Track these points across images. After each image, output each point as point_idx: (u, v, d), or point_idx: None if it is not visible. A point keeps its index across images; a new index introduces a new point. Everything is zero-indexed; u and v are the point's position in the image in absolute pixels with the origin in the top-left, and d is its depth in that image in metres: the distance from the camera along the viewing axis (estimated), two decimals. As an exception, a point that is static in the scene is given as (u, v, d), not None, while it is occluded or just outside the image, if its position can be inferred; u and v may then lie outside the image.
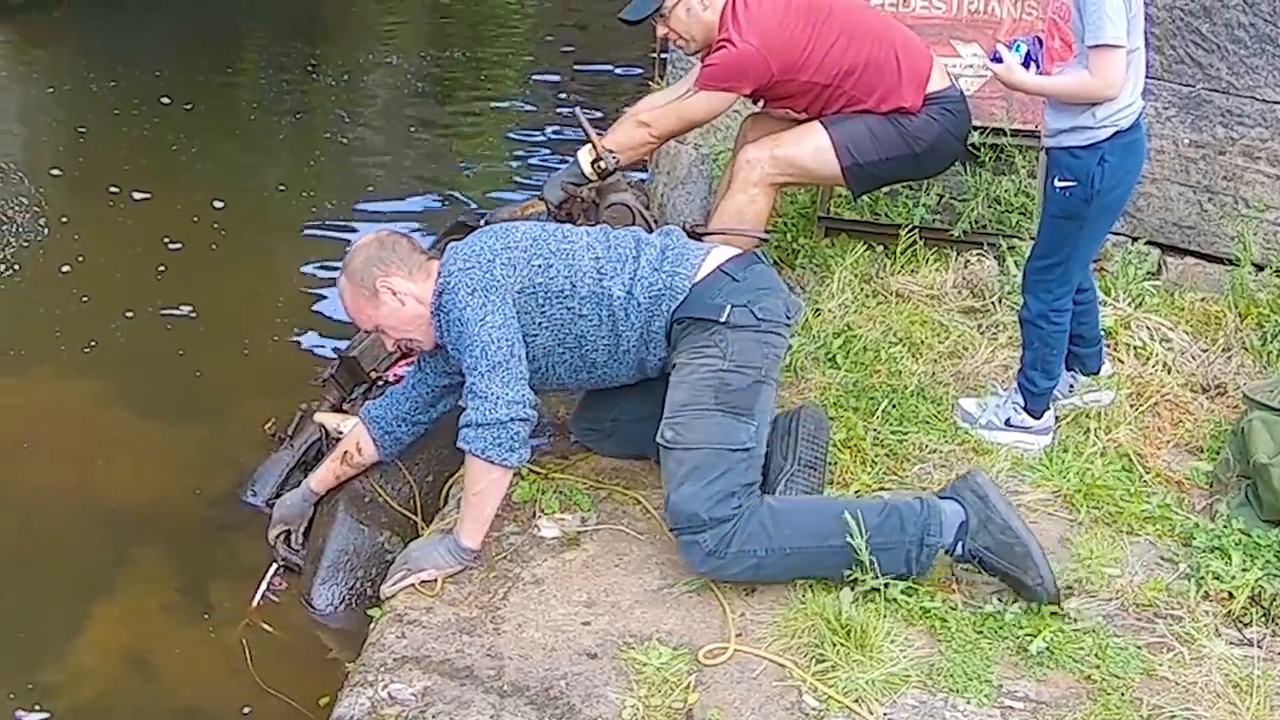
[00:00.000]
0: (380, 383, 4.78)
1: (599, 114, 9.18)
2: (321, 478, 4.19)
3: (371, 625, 3.52)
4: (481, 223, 5.07)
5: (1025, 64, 3.88)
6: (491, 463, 3.52)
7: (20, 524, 4.43)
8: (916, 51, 4.59)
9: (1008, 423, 4.19)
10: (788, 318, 3.73)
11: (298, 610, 3.99)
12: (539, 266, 3.68)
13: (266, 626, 3.93)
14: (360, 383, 4.80)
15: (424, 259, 3.79)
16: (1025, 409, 4.18)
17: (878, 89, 4.53)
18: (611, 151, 4.63)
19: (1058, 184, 3.91)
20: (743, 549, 3.43)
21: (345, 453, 4.13)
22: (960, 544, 3.42)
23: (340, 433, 4.49)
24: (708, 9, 4.54)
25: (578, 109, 4.90)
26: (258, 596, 4.03)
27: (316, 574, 4.02)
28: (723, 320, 3.61)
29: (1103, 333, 4.40)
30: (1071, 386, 4.33)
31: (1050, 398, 4.19)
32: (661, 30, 4.67)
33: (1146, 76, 4.95)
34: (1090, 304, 4.27)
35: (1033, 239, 4.14)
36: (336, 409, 4.74)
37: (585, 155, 4.67)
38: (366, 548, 4.06)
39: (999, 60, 3.88)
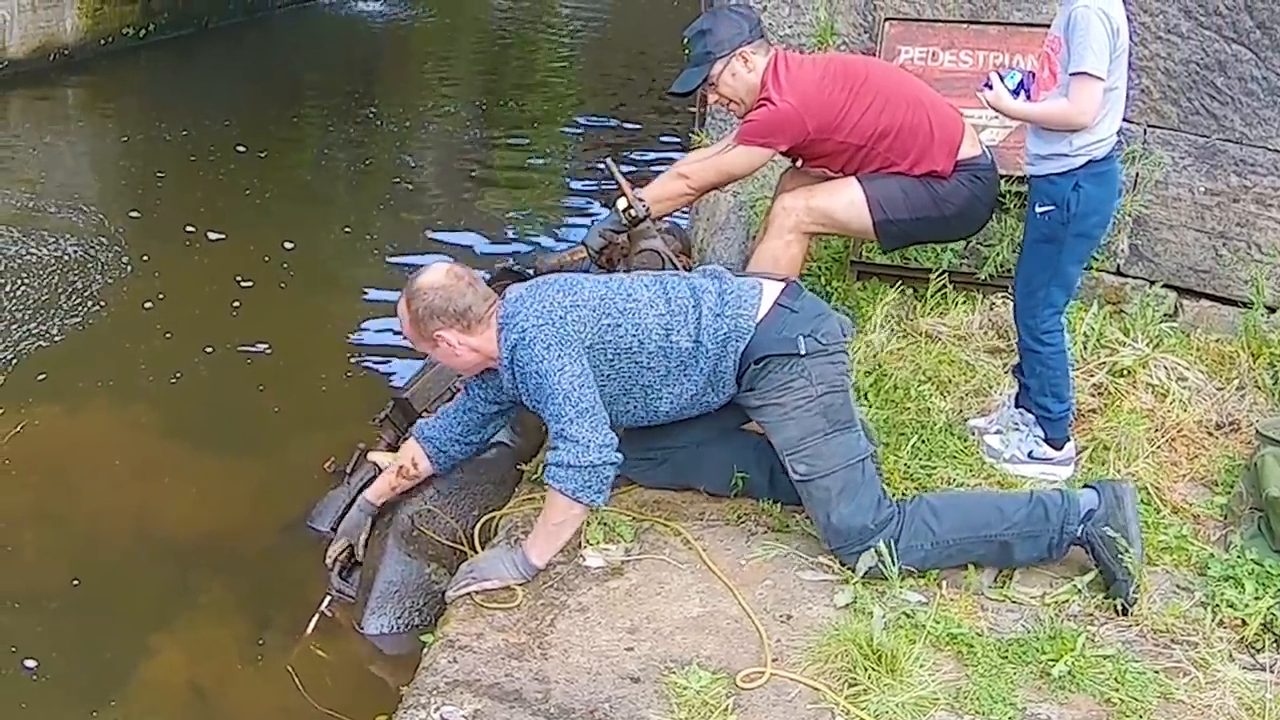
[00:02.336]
0: None
1: (646, 158, 9.36)
2: (378, 490, 4.22)
3: (424, 650, 3.54)
4: (530, 272, 5.14)
5: (1016, 93, 4.00)
6: (578, 501, 3.57)
7: (85, 549, 4.47)
8: (949, 118, 4.60)
9: (1030, 455, 4.22)
10: (844, 336, 3.83)
11: (351, 638, 4.01)
12: (608, 326, 3.70)
13: (321, 653, 3.95)
14: (413, 422, 4.81)
15: (485, 309, 3.75)
16: (1046, 440, 4.21)
17: (911, 152, 4.52)
18: (641, 200, 4.67)
19: (1038, 209, 4.06)
20: (910, 544, 3.62)
21: (401, 467, 4.18)
22: (1082, 526, 3.61)
23: None
24: (751, 71, 4.54)
25: (609, 160, 4.98)
26: (311, 625, 4.04)
27: (367, 603, 4.04)
28: (801, 353, 3.68)
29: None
30: (1016, 424, 4.33)
31: (1067, 424, 4.21)
32: (712, 98, 4.70)
33: (1163, 128, 5.07)
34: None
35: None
36: (392, 447, 4.76)
37: (621, 204, 4.72)
38: (414, 579, 4.08)
39: (990, 87, 4.01)
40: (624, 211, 4.71)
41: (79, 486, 4.85)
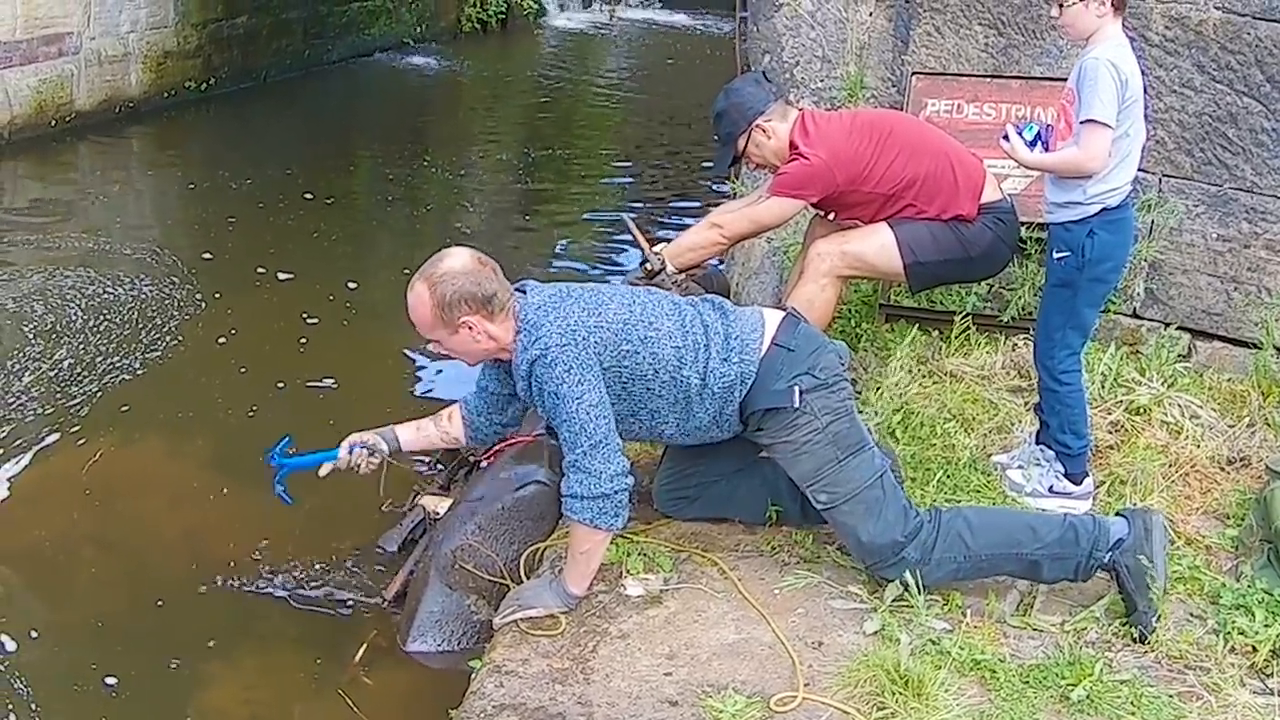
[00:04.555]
0: (478, 465, 4.84)
1: (681, 207, 9.41)
2: (409, 430, 4.09)
3: (472, 675, 3.55)
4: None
5: (1033, 144, 4.04)
6: (598, 529, 3.57)
7: (163, 573, 4.51)
8: (971, 165, 4.63)
9: (1051, 489, 4.25)
10: (842, 364, 3.79)
11: (400, 664, 4.02)
12: (627, 352, 3.62)
13: (370, 680, 3.96)
14: (461, 466, 4.90)
15: (507, 296, 3.63)
16: (1066, 475, 4.24)
17: (937, 199, 4.55)
18: (658, 253, 4.72)
19: (1055, 255, 4.10)
20: (945, 555, 3.62)
21: (439, 416, 4.09)
22: (1110, 554, 3.61)
23: (438, 514, 4.57)
24: (772, 138, 4.58)
25: (626, 215, 5.04)
26: (360, 651, 4.06)
27: (410, 632, 4.07)
28: (795, 406, 3.65)
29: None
30: (1037, 461, 4.35)
31: (1086, 459, 4.24)
32: (749, 166, 4.76)
33: (1177, 177, 5.09)
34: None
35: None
36: (444, 489, 4.84)
37: (640, 257, 4.80)
38: (454, 609, 4.09)
39: (1008, 139, 4.06)
40: (641, 265, 4.78)
41: (158, 513, 4.92)
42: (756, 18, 6.06)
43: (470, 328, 3.60)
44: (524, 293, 3.71)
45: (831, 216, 4.81)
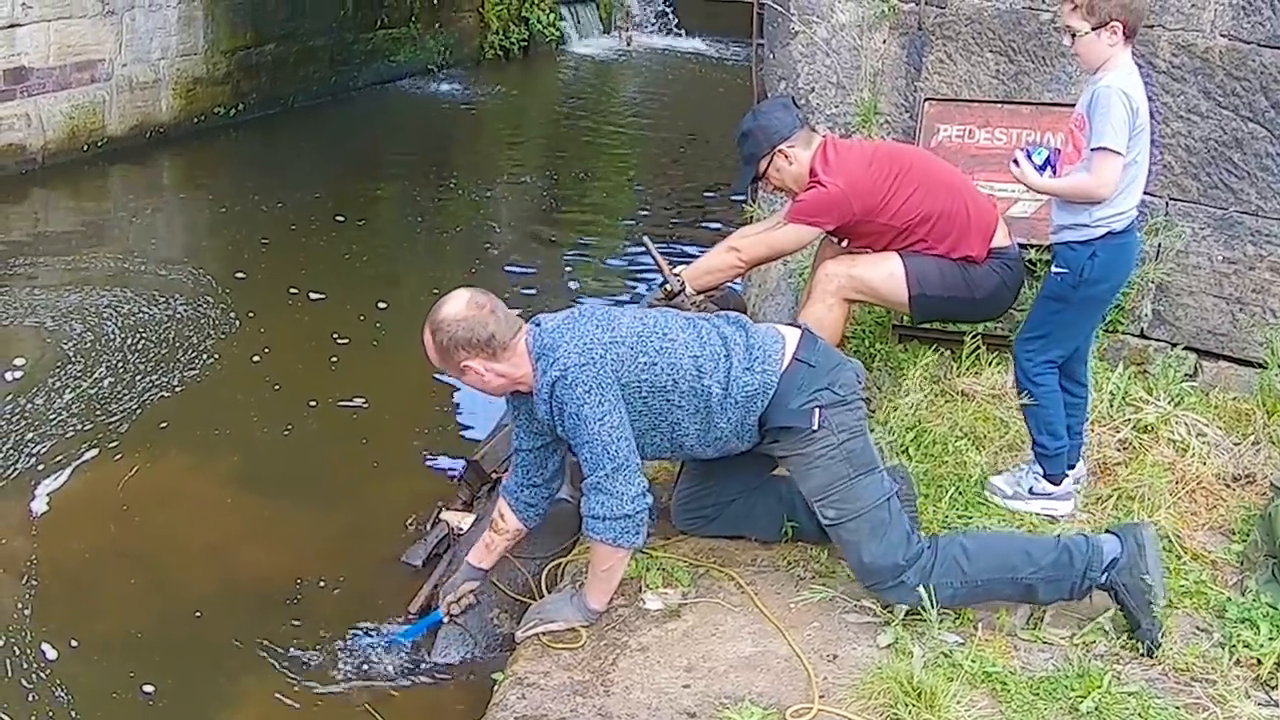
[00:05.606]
0: (500, 482, 4.75)
1: (700, 228, 9.44)
2: (478, 553, 4.04)
3: (495, 688, 3.57)
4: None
5: (1042, 169, 4.03)
6: (620, 547, 3.59)
7: (198, 586, 4.56)
8: (985, 208, 4.64)
9: (1031, 491, 4.27)
10: (859, 382, 3.81)
11: (425, 677, 4.04)
12: (645, 364, 3.61)
13: (394, 692, 3.99)
14: (484, 483, 4.92)
15: (510, 334, 3.62)
16: (1045, 476, 4.25)
17: (949, 237, 4.56)
18: (677, 275, 4.74)
19: (1054, 270, 4.11)
20: (941, 580, 3.61)
21: (493, 520, 4.04)
22: (1106, 574, 3.60)
23: (461, 529, 4.59)
24: (794, 164, 4.58)
25: (646, 238, 5.06)
26: (387, 664, 4.09)
27: (435, 645, 4.09)
28: (814, 429, 3.65)
29: (1084, 436, 4.44)
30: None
31: (1064, 461, 4.24)
32: (768, 188, 4.76)
33: (1184, 200, 5.10)
34: (1082, 400, 4.35)
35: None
36: (468, 506, 4.87)
37: (659, 279, 4.82)
38: (477, 624, 4.12)
39: (1018, 163, 4.05)
40: (661, 286, 4.80)
41: (191, 527, 4.96)
42: (773, 45, 6.10)
43: (474, 370, 3.63)
44: (538, 325, 3.72)
45: (844, 242, 4.82)
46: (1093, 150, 3.90)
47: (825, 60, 5.92)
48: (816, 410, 3.67)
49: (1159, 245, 5.22)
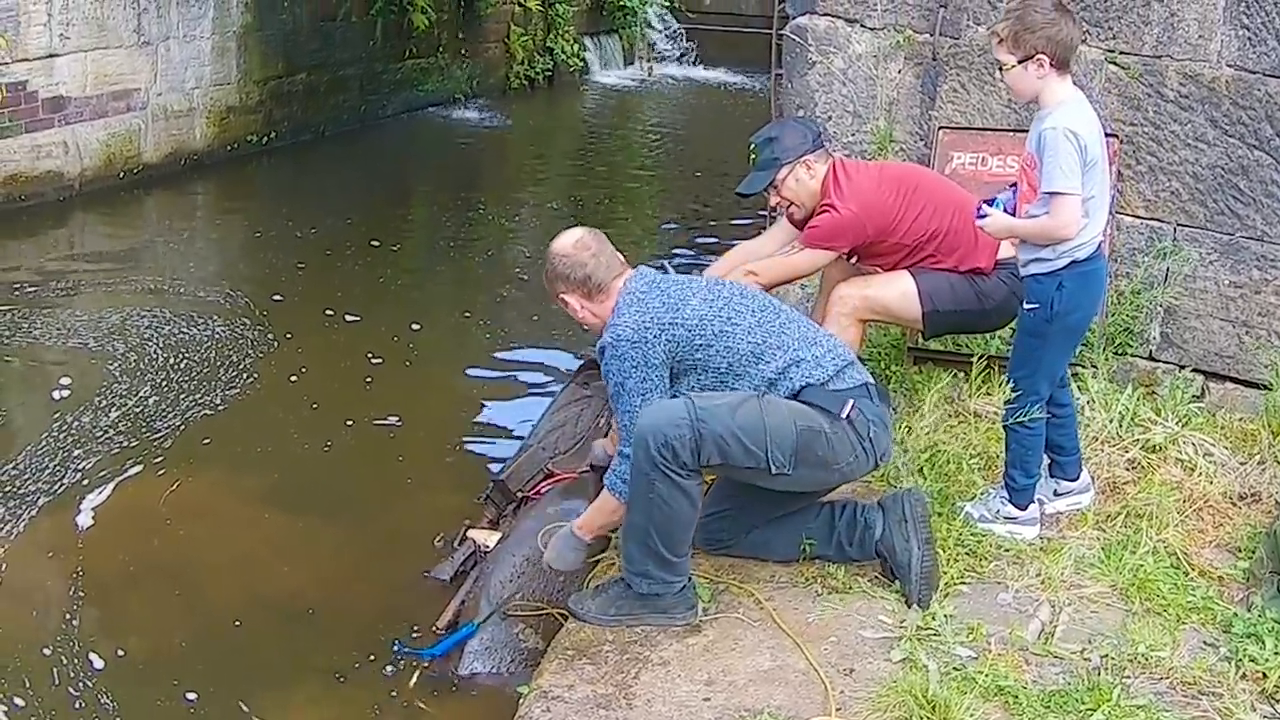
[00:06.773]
0: (526, 501, 4.90)
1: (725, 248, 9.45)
2: (588, 519, 4.05)
3: (520, 701, 3.59)
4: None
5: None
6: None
7: (236, 599, 4.59)
8: None
9: (997, 514, 4.26)
10: (880, 459, 3.90)
11: (450, 691, 4.06)
12: (700, 346, 3.73)
13: (423, 705, 4.00)
14: (510, 501, 4.96)
15: (608, 277, 3.84)
16: (1011, 503, 4.25)
17: (956, 251, 4.61)
18: None
19: (1026, 306, 4.08)
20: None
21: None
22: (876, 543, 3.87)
23: (487, 547, 4.62)
24: (813, 178, 4.62)
25: (665, 263, 5.09)
26: (414, 679, 4.10)
27: (462, 659, 4.11)
28: (843, 416, 3.74)
29: (1080, 444, 4.46)
30: (1056, 493, 4.39)
31: (1032, 492, 4.24)
32: (774, 200, 4.76)
33: (1191, 226, 5.12)
34: (1069, 418, 4.34)
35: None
36: (494, 524, 4.89)
37: None
38: (503, 637, 4.15)
39: (984, 216, 4.01)
40: None
41: (230, 541, 5.00)
42: (790, 74, 6.15)
43: (567, 304, 3.90)
44: (634, 280, 3.86)
45: (854, 260, 4.85)
46: (1047, 194, 3.85)
47: (842, 89, 5.97)
48: (850, 402, 3.75)
49: (1167, 269, 5.25)
